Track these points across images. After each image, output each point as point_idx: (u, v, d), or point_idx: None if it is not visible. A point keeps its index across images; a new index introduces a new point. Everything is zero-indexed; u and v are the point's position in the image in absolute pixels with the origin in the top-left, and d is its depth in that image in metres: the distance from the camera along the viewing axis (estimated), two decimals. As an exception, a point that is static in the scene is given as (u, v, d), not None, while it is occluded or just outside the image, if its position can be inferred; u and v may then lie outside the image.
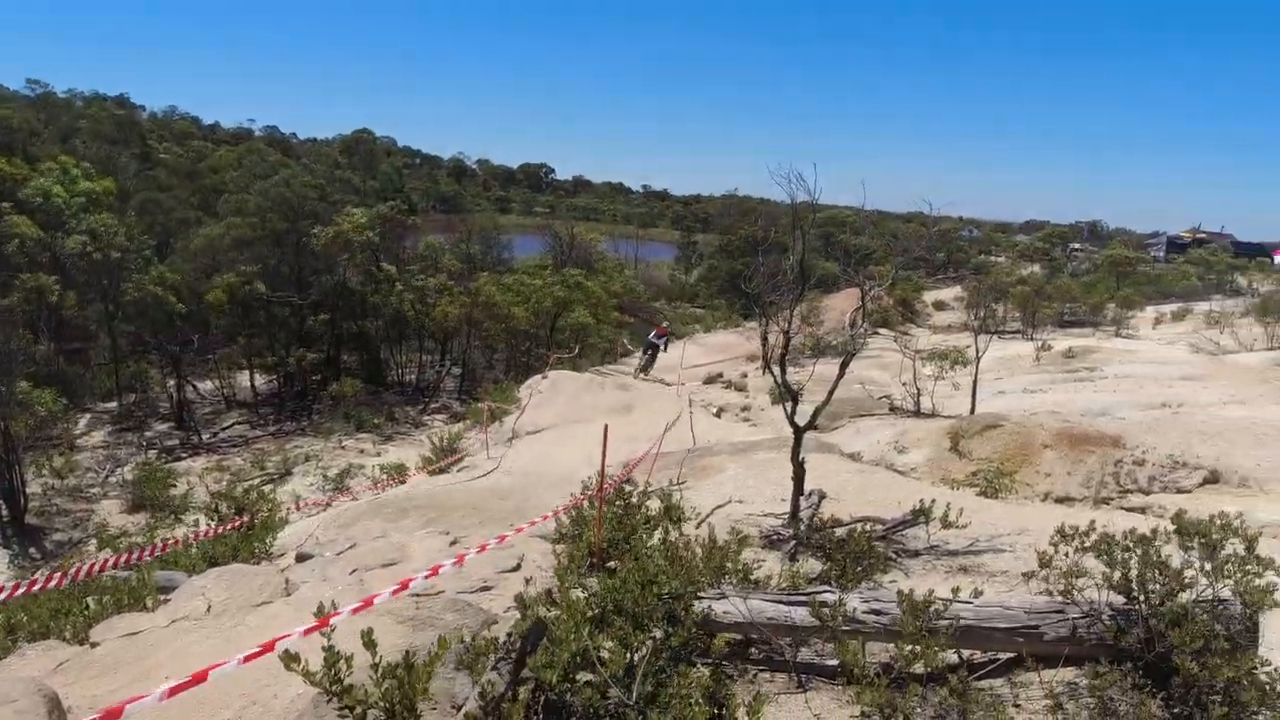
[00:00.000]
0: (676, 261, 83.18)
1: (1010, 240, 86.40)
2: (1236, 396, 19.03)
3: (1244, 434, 14.97)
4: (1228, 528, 4.79)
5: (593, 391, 21.48)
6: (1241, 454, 14.21)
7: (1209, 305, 39.32)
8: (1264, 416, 16.28)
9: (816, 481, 10.42)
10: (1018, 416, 15.44)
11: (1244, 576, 4.61)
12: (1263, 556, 4.69)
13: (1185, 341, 31.20)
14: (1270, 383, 20.57)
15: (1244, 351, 28.12)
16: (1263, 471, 13.82)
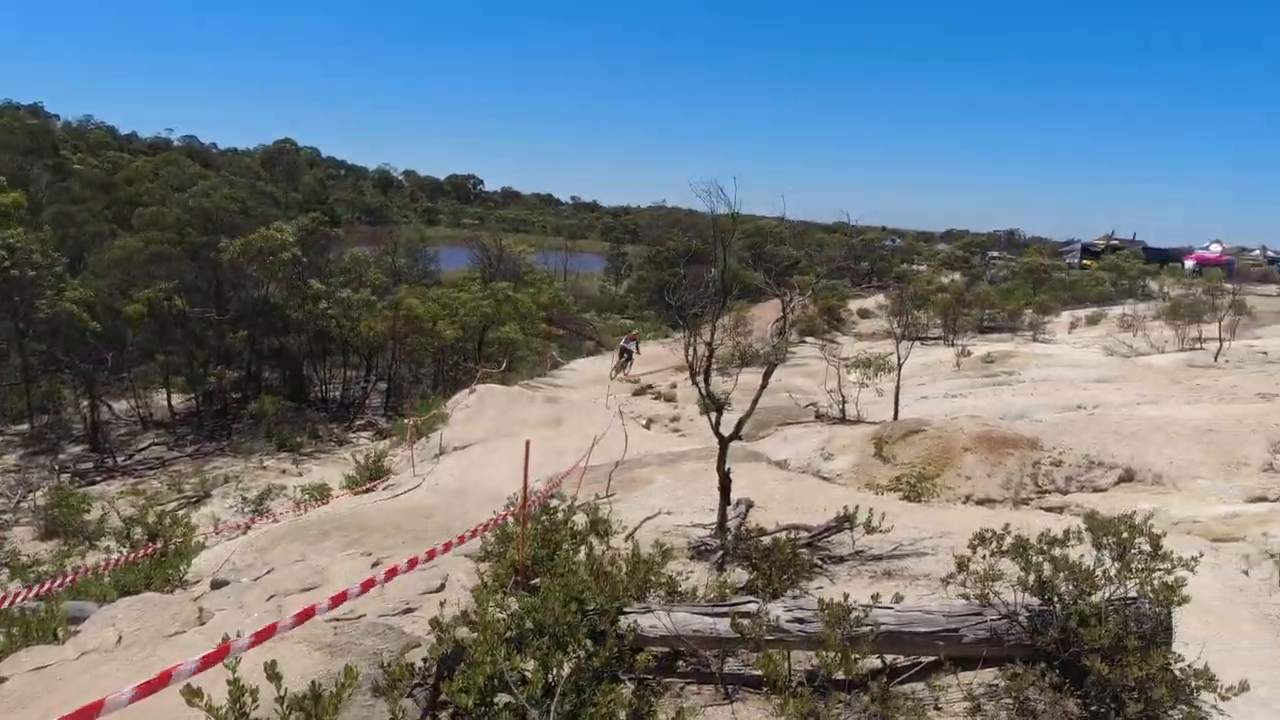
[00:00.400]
0: (606, 273, 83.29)
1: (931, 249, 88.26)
2: (1149, 397, 19.68)
3: (1156, 433, 15.48)
4: (1135, 527, 4.91)
5: (521, 405, 21.32)
6: (1154, 453, 14.70)
7: (1122, 309, 40.58)
8: (1175, 416, 16.85)
9: (745, 490, 10.47)
10: (939, 421, 15.75)
11: (1150, 575, 4.72)
12: (1169, 554, 4.81)
13: (1099, 345, 32.18)
14: (1181, 383, 21.32)
15: (1155, 353, 29.12)
16: (1175, 469, 14.32)
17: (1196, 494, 13.45)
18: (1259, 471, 14.35)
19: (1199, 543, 10.51)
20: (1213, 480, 14.10)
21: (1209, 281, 39.53)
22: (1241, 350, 27.68)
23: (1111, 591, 4.82)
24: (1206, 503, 12.71)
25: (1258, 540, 10.04)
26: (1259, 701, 5.36)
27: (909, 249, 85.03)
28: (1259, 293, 43.83)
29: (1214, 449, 15.10)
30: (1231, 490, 13.52)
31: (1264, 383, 20.56)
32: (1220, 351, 26.65)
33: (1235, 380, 21.15)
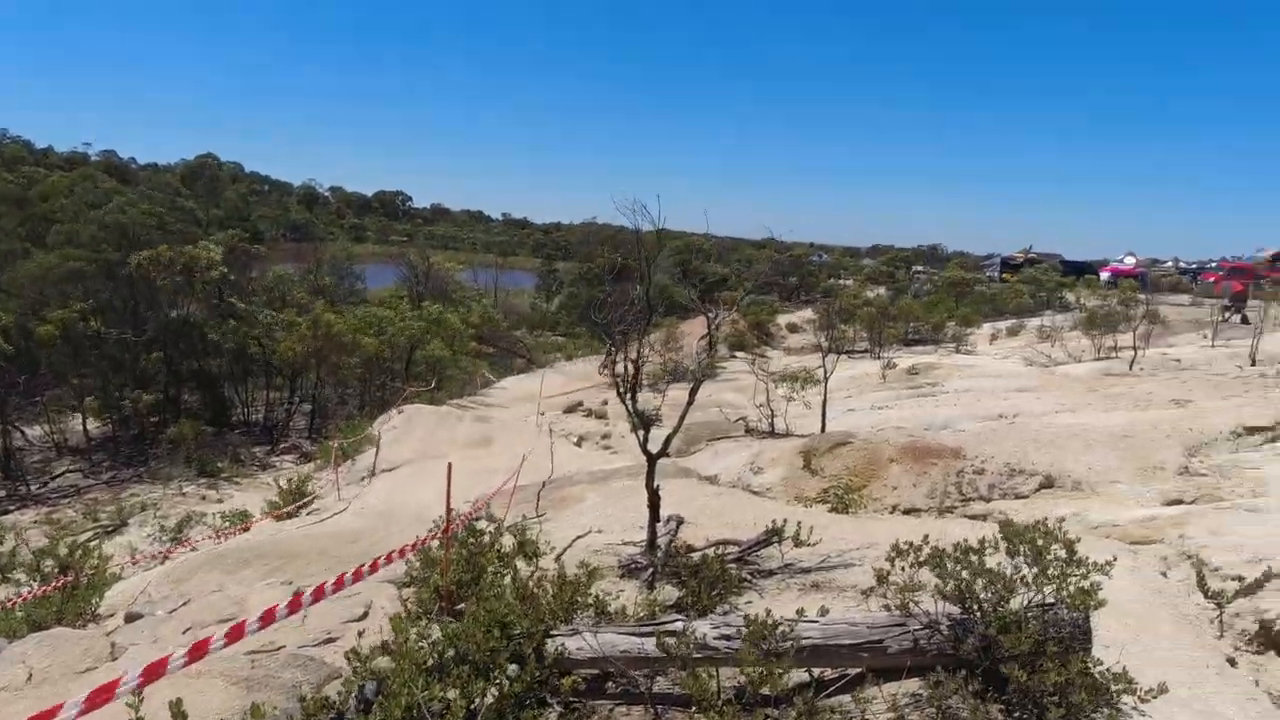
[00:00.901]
0: (537, 290, 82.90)
1: (858, 264, 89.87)
2: (1067, 405, 20.19)
3: (1074, 440, 15.88)
4: (1050, 534, 4.99)
5: (450, 425, 21.05)
6: (1073, 459, 15.07)
7: (1040, 321, 41.69)
8: (1093, 423, 17.30)
9: (675, 506, 10.46)
10: (866, 433, 15.95)
11: (1067, 580, 4.79)
12: (1084, 559, 4.89)
13: (1019, 355, 32.99)
14: (1097, 391, 21.93)
15: (1073, 363, 29.94)
16: (1093, 475, 14.69)
17: (1115, 498, 13.78)
18: (1174, 475, 14.78)
19: (1118, 546, 10.79)
20: (1130, 484, 14.47)
21: (1123, 292, 40.82)
22: (1155, 358, 28.60)
23: (1030, 598, 4.89)
24: (1125, 506, 13.01)
25: (1174, 542, 10.33)
26: (1179, 702, 5.48)
27: (836, 264, 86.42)
28: (1171, 302, 45.45)
29: (1131, 454, 15.53)
30: (1149, 494, 13.87)
31: (1177, 389, 21.24)
32: (1135, 360, 27.50)
33: (1150, 387, 21.82)
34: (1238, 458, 15.10)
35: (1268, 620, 7.58)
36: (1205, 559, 9.47)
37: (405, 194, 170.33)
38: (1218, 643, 7.68)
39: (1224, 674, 6.79)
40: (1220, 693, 6.40)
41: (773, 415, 18.43)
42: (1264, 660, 7.32)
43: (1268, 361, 26.15)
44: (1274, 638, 7.36)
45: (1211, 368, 26.62)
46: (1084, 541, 10.50)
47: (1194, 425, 17.18)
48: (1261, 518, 10.46)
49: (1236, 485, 13.43)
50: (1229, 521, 10.50)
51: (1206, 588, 8.90)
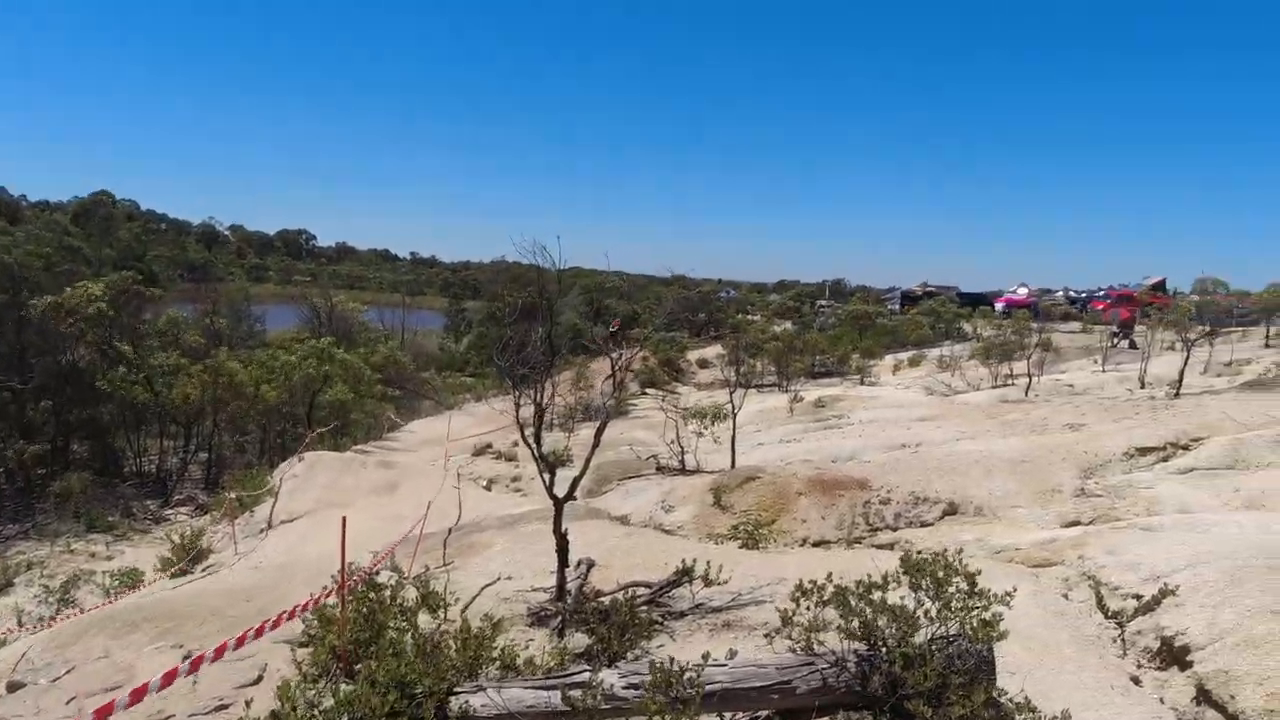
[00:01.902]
0: (446, 330, 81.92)
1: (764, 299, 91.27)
2: (967, 433, 20.71)
3: (975, 467, 16.27)
4: (951, 566, 5.02)
5: (354, 472, 20.47)
6: (975, 486, 15.43)
7: (940, 351, 42.93)
8: (992, 450, 17.75)
9: (586, 549, 10.31)
10: (774, 467, 16.04)
11: (969, 613, 4.82)
12: (985, 591, 4.93)
13: (920, 385, 33.85)
14: (995, 418, 22.56)
15: (972, 391, 30.86)
16: (995, 500, 15.05)
17: (1016, 522, 14.11)
18: (1071, 497, 15.24)
19: (1020, 570, 11.02)
20: (1030, 508, 14.87)
21: (1017, 322, 42.27)
22: (1049, 384, 29.68)
23: (933, 631, 4.91)
24: (1025, 530, 13.32)
25: (1074, 563, 10.60)
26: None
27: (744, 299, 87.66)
28: (1062, 330, 47.32)
29: (1029, 479, 15.98)
30: (1048, 517, 14.25)
31: (1071, 414, 22.00)
32: (1030, 387, 28.50)
33: (1045, 413, 22.54)
34: (1131, 478, 15.66)
35: (1168, 637, 7.79)
36: (1104, 579, 9.72)
37: (309, 232, 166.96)
38: (1121, 662, 7.86)
39: (1129, 694, 6.94)
40: (1125, 714, 6.53)
41: (683, 452, 18.42)
42: (1167, 676, 7.51)
43: (1156, 384, 27.38)
44: (1176, 654, 7.57)
45: (1103, 392, 27.75)
46: (987, 566, 10.76)
47: (1088, 448, 17.78)
48: (1155, 536, 10.79)
49: (1131, 505, 13.90)
50: (1125, 541, 10.80)
51: (1106, 608, 9.13)
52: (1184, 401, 22.82)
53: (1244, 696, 6.45)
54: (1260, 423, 19.33)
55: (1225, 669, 6.84)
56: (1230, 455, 16.47)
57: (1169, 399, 23.90)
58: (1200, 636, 7.50)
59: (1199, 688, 6.95)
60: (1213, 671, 6.92)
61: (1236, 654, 6.97)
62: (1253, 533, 10.31)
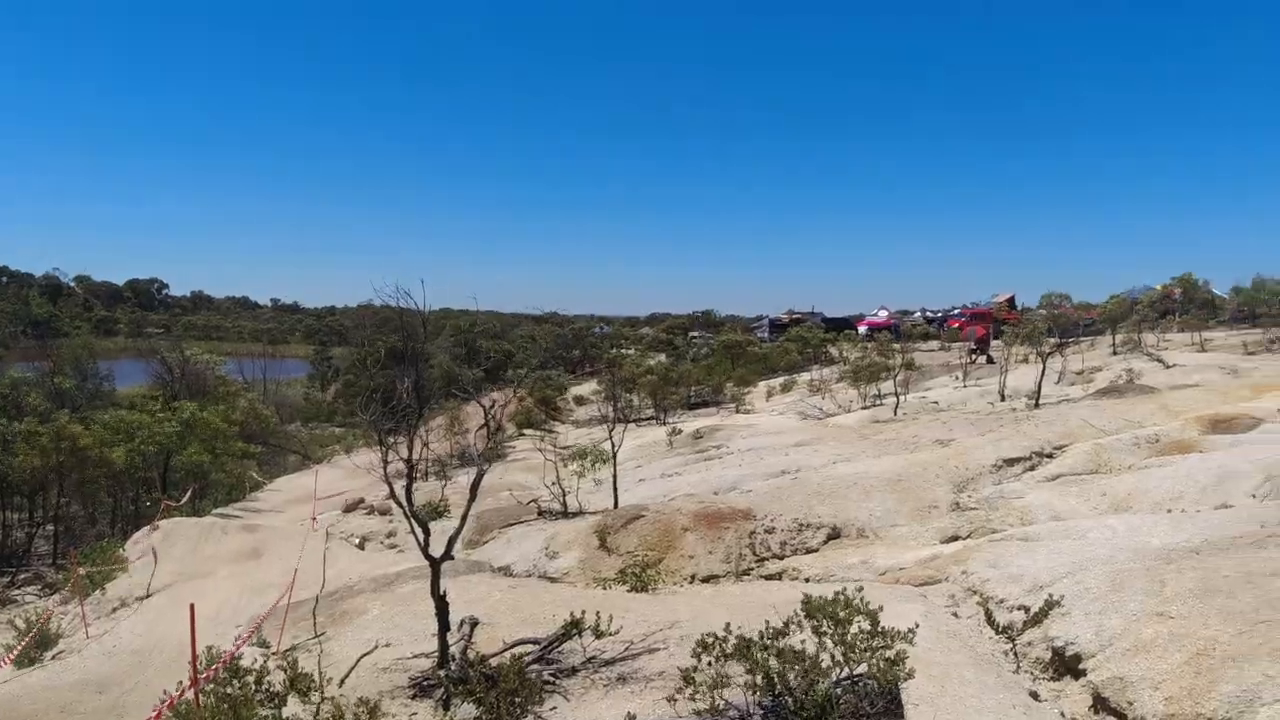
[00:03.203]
0: (311, 379, 78.94)
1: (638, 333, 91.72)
2: (843, 455, 20.99)
3: (853, 489, 16.44)
4: (851, 605, 4.83)
5: (214, 539, 19.16)
6: (855, 507, 15.56)
7: (810, 375, 43.82)
8: (868, 470, 18.01)
9: (468, 606, 9.78)
10: (658, 504, 15.81)
11: (873, 654, 4.64)
12: (887, 630, 4.75)
13: (794, 410, 34.32)
14: (868, 438, 22.99)
15: (843, 413, 31.44)
16: (875, 521, 15.21)
17: (898, 541, 14.25)
18: (948, 512, 15.55)
19: (907, 590, 11.04)
20: (909, 525, 15.08)
21: (880, 344, 43.54)
22: (916, 402, 30.53)
23: (840, 674, 4.70)
24: (908, 548, 13.44)
25: (959, 579, 10.68)
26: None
27: (617, 334, 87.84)
28: (923, 349, 49.09)
29: (907, 496, 16.24)
30: (927, 533, 14.46)
31: (939, 430, 22.61)
32: (898, 405, 29.22)
33: (915, 430, 23.10)
34: (1003, 489, 16.09)
35: (1059, 647, 7.85)
36: (990, 593, 9.81)
37: (161, 281, 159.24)
38: (1017, 677, 7.87)
39: (1030, 711, 6.91)
40: (1028, 731, 6.50)
41: (564, 494, 17.98)
42: (1061, 686, 7.55)
43: (1015, 396, 28.50)
44: (1068, 663, 7.62)
45: (966, 406, 28.70)
46: (875, 589, 10.72)
47: (959, 462, 18.25)
48: (1033, 546, 10.99)
49: (1005, 516, 14.23)
50: (1005, 553, 10.97)
51: (996, 623, 9.19)
52: (1044, 411, 23.79)
53: (1142, 702, 6.47)
54: (1117, 427, 20.28)
55: (1120, 675, 6.89)
56: (1093, 460, 17.17)
57: (1029, 409, 24.87)
58: (1090, 644, 7.57)
59: (1096, 696, 6.98)
60: (1107, 679, 6.96)
61: (1128, 660, 7.04)
62: (1125, 536, 10.60)
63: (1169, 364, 32.14)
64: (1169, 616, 7.46)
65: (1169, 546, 9.77)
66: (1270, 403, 20.72)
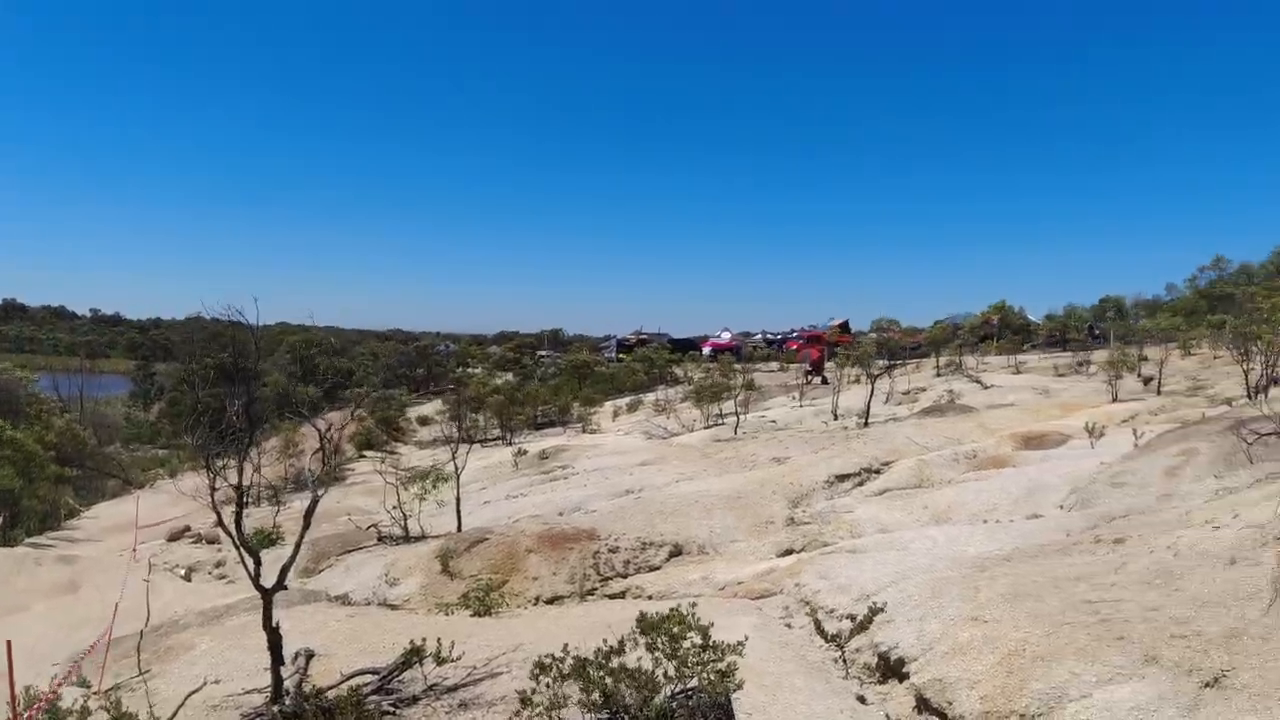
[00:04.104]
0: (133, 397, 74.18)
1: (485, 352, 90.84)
2: (686, 474, 21.47)
3: (695, 507, 16.84)
4: (684, 622, 5.03)
5: (27, 571, 17.80)
6: (696, 525, 15.95)
7: (655, 395, 44.50)
8: (709, 489, 18.49)
9: (304, 637, 9.51)
10: (502, 526, 15.75)
11: (705, 666, 4.85)
12: (718, 644, 4.96)
13: (640, 430, 34.80)
14: (710, 457, 23.58)
15: (687, 432, 32.11)
16: (716, 537, 15.63)
17: (737, 556, 14.68)
18: (783, 527, 16.14)
19: (744, 603, 11.42)
20: (748, 541, 15.58)
21: (723, 365, 44.66)
22: (755, 421, 31.50)
23: (674, 689, 4.89)
24: (746, 563, 13.87)
25: (792, 591, 11.13)
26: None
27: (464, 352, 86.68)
28: (763, 370, 50.70)
29: (745, 513, 16.78)
30: (764, 548, 14.96)
31: (776, 448, 23.44)
32: (738, 425, 30.09)
33: (753, 449, 23.86)
34: (834, 504, 16.83)
35: (884, 652, 8.32)
36: (820, 603, 10.27)
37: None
38: (846, 683, 8.28)
39: (857, 714, 7.30)
40: (855, 734, 6.88)
41: (406, 518, 17.62)
42: (888, 689, 8.00)
43: (847, 415, 29.83)
44: (893, 667, 8.09)
45: (802, 425, 29.84)
46: (714, 603, 11.06)
47: (794, 479, 18.99)
48: (860, 558, 11.53)
49: (836, 529, 14.90)
50: (835, 565, 11.45)
51: (825, 632, 9.65)
52: (873, 429, 25.02)
53: (960, 701, 6.93)
54: (938, 444, 21.58)
55: (939, 677, 7.36)
56: (917, 475, 18.21)
57: (860, 428, 26.09)
58: (912, 648, 8.06)
59: (918, 697, 7.44)
60: (929, 680, 7.43)
61: (947, 662, 7.53)
62: (944, 545, 11.30)
63: (987, 385, 34.34)
64: (983, 620, 7.98)
65: (984, 555, 10.49)
66: (1077, 420, 22.46)
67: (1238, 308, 34.19)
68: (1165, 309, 51.48)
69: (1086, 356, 39.57)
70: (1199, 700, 6.66)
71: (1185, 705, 6.47)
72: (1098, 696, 6.53)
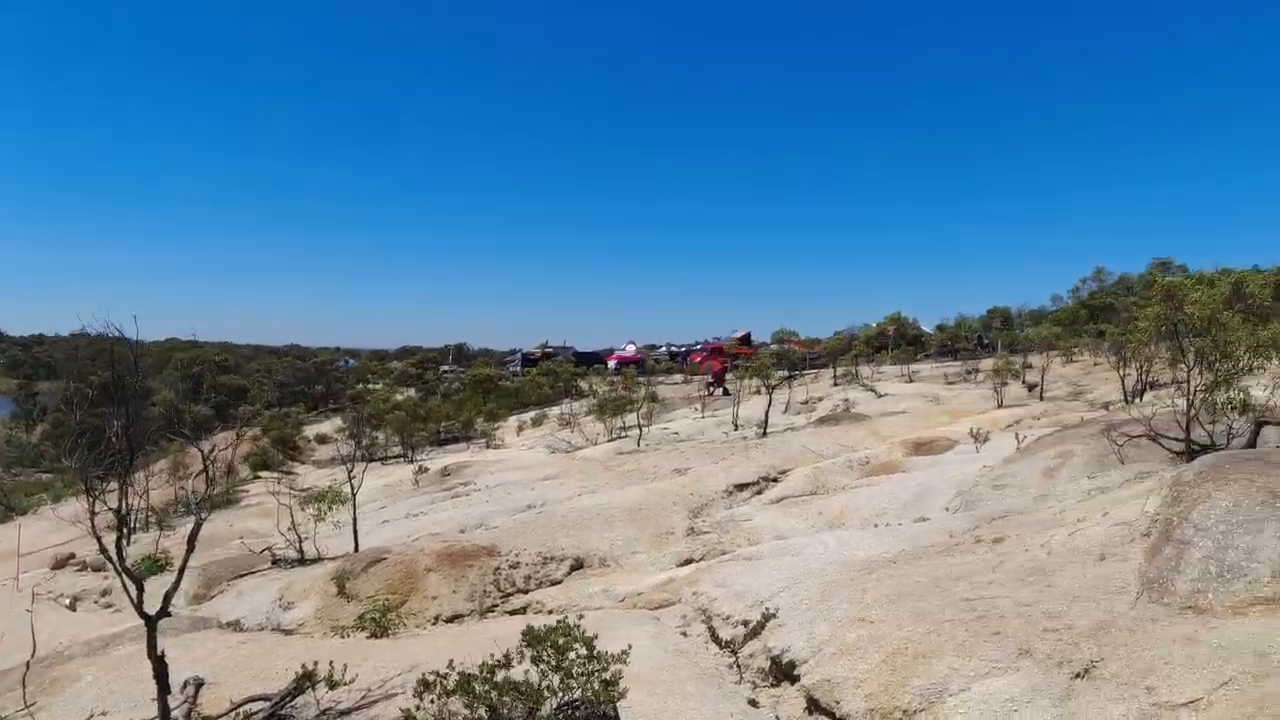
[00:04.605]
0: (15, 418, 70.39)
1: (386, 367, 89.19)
2: (588, 487, 21.54)
3: (596, 520, 16.93)
4: (570, 634, 5.12)
5: (-105, 607, 16.82)
6: (597, 538, 16.03)
7: (560, 409, 44.44)
8: (611, 501, 18.60)
9: (193, 666, 9.25)
10: (400, 546, 15.55)
11: (590, 677, 4.95)
12: (602, 654, 5.07)
13: (544, 444, 34.72)
14: (613, 470, 23.70)
15: (590, 445, 32.18)
16: (616, 549, 15.74)
17: (638, 568, 14.81)
18: (683, 537, 16.35)
19: (643, 614, 11.55)
20: (648, 552, 15.72)
21: (627, 378, 44.93)
22: (658, 433, 31.78)
23: (559, 700, 4.97)
24: (646, 574, 14.00)
25: (690, 600, 11.31)
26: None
27: (364, 368, 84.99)
28: (667, 383, 51.16)
29: (646, 524, 16.93)
30: (665, 558, 15.12)
31: (678, 459, 23.71)
32: (641, 437, 30.32)
33: (655, 461, 24.08)
34: (733, 513, 17.14)
35: (776, 656, 8.54)
36: (716, 611, 10.47)
37: None
38: (738, 688, 8.47)
39: (748, 717, 7.50)
40: (743, 737, 7.05)
41: (301, 540, 17.22)
42: (780, 691, 8.20)
43: (747, 425, 30.35)
44: (784, 670, 8.31)
45: (704, 436, 30.23)
46: (614, 615, 11.17)
47: (694, 490, 19.26)
48: (756, 565, 11.76)
49: (735, 538, 15.18)
50: (732, 572, 11.67)
51: (720, 638, 9.85)
52: (771, 439, 25.53)
53: (848, 700, 7.18)
54: (833, 452, 22.16)
55: (828, 678, 7.60)
56: (812, 482, 18.67)
57: (758, 438, 26.57)
58: (803, 651, 8.29)
59: (809, 698, 7.66)
60: (818, 681, 7.66)
61: (835, 662, 7.78)
62: (835, 550, 11.63)
63: (881, 394, 35.38)
64: (869, 621, 8.27)
65: (871, 558, 10.83)
66: (963, 426, 23.34)
67: (1118, 317, 36.05)
68: (1049, 319, 53.80)
69: (975, 365, 41.08)
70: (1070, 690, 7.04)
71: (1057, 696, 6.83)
72: (975, 690, 6.83)
